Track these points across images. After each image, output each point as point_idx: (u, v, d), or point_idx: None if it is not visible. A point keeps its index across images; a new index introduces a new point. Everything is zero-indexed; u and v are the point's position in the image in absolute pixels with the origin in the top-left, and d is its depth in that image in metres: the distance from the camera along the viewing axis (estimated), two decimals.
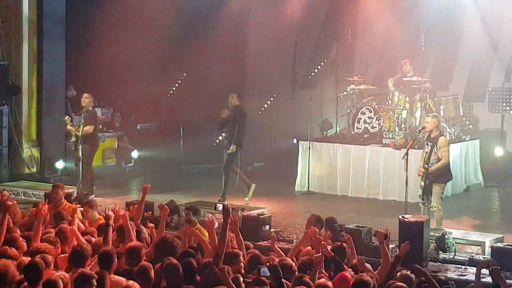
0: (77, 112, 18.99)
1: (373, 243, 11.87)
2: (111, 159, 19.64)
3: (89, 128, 16.43)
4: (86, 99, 16.70)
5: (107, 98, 20.58)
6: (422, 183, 13.48)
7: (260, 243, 12.29)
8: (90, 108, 16.73)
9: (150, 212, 12.63)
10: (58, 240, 9.75)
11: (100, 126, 19.47)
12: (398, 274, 8.96)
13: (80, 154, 16.45)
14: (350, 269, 9.19)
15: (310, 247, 9.93)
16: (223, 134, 17.45)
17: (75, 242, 9.64)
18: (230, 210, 9.23)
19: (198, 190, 17.46)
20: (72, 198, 14.40)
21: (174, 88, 20.85)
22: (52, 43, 18.40)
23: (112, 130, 19.88)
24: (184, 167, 20.44)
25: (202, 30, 21.38)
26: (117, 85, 21.19)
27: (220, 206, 10.89)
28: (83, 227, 10.95)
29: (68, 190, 14.88)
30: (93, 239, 9.96)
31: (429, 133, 13.67)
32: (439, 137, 13.56)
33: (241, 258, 8.89)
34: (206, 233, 10.47)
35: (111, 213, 9.85)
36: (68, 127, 16.86)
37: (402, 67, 17.94)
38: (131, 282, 8.20)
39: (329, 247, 9.38)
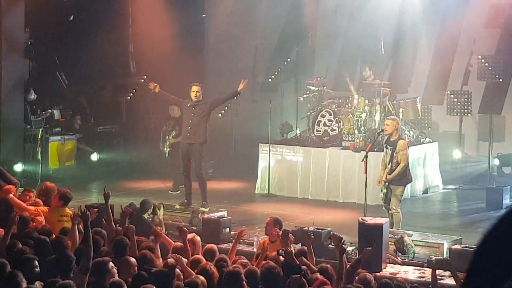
0: (39, 115, 18.86)
1: (333, 245, 11.89)
2: (70, 161, 19.48)
3: None
4: None
5: (67, 101, 20.39)
6: (385, 190, 13.51)
7: (220, 245, 12.30)
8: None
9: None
10: None
11: (59, 129, 19.42)
12: (357, 277, 9.00)
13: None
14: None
15: (275, 253, 9.90)
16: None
17: None
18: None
19: (158, 192, 17.43)
20: None
21: (134, 90, 20.74)
22: (12, 45, 18.19)
23: (71, 133, 19.73)
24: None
25: (163, 31, 21.31)
26: (79, 86, 21.05)
27: None
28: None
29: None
30: None
31: (389, 136, 13.67)
32: (398, 140, 13.56)
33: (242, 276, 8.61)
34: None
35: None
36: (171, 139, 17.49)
37: (363, 73, 17.99)
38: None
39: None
